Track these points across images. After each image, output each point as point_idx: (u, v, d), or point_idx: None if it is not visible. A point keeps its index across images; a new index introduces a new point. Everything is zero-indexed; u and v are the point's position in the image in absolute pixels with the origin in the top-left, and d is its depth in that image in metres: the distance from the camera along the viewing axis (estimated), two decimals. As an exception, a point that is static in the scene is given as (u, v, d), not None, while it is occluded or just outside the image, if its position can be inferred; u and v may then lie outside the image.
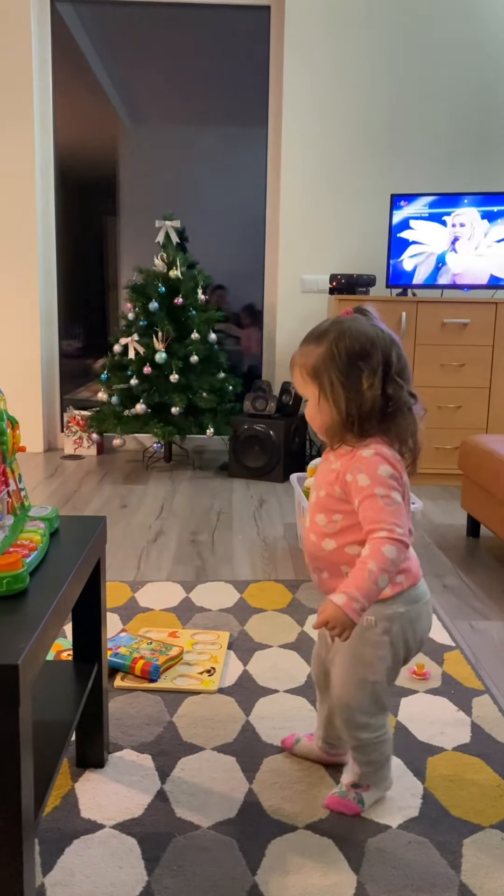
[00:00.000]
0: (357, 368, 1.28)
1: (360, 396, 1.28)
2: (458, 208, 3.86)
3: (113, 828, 1.34)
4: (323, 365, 1.30)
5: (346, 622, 1.21)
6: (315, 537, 1.37)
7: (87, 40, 4.53)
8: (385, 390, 1.29)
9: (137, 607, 2.29)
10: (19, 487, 1.32)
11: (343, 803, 1.41)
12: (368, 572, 1.21)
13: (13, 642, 0.94)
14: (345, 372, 1.28)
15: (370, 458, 1.28)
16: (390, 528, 1.24)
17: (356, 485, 1.28)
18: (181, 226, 4.13)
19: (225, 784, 1.47)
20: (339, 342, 1.29)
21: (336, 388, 1.29)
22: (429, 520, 3.30)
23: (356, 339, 1.29)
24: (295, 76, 4.20)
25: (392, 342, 1.32)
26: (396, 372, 1.30)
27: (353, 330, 1.30)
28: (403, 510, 1.28)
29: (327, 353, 1.30)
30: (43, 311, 4.47)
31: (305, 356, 1.33)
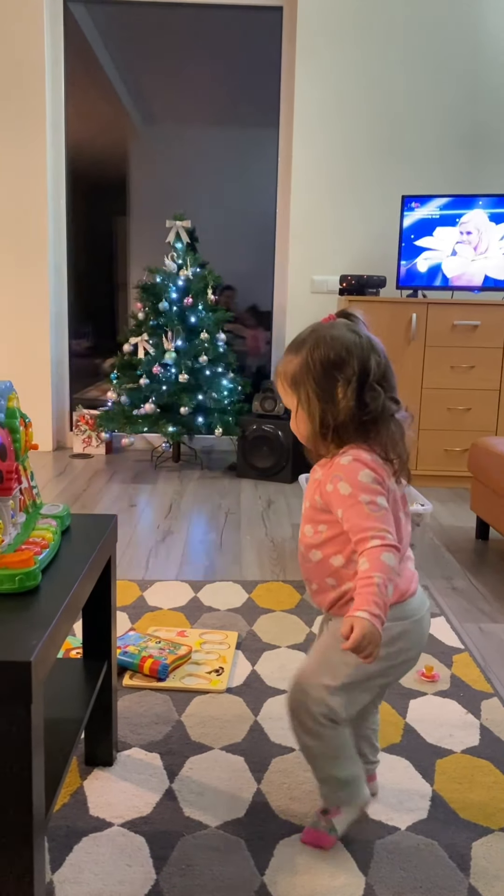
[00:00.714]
0: (332, 378, 1.25)
1: (335, 407, 1.25)
2: (471, 210, 3.84)
3: (121, 826, 1.34)
4: (300, 376, 1.27)
5: (373, 636, 1.11)
6: (304, 548, 1.33)
7: (99, 40, 4.54)
8: (362, 399, 1.24)
9: (146, 606, 2.29)
10: (31, 485, 1.32)
11: (315, 836, 1.32)
12: (377, 586, 1.14)
13: (25, 639, 0.95)
14: (320, 382, 1.25)
15: (349, 465, 1.23)
16: (382, 535, 1.18)
17: (337, 494, 1.23)
18: (191, 226, 4.14)
19: (233, 784, 1.47)
20: (314, 352, 1.26)
21: (312, 400, 1.26)
22: (438, 522, 3.29)
23: (331, 347, 1.25)
24: (306, 77, 4.20)
25: (370, 349, 1.26)
26: (375, 379, 1.25)
27: (328, 338, 1.26)
28: (391, 517, 1.23)
29: (303, 363, 1.27)
30: (53, 310, 4.48)
31: (285, 366, 1.30)
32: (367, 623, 1.11)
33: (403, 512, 1.30)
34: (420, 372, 3.85)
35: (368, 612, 1.12)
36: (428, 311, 3.81)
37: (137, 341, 4.01)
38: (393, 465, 1.26)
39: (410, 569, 1.32)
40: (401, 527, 1.28)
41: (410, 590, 1.30)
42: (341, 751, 1.30)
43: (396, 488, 1.28)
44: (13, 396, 1.26)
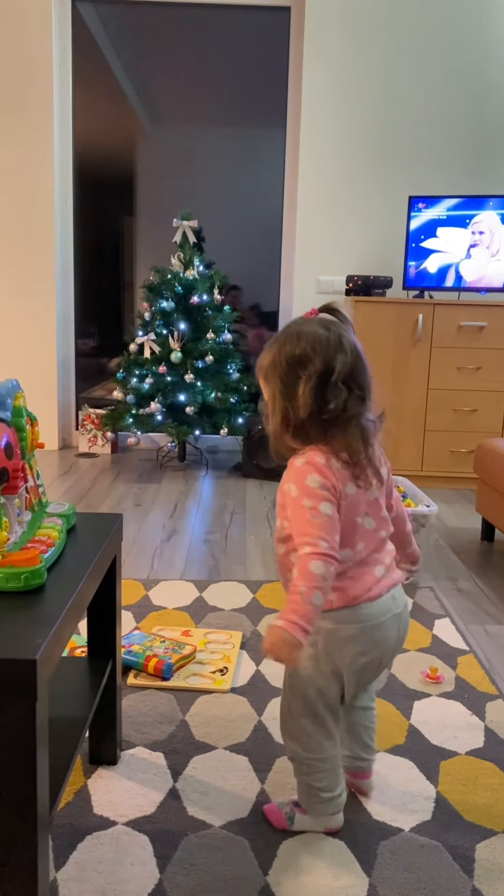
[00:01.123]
0: (295, 375, 1.23)
1: (296, 404, 1.23)
2: (481, 211, 3.84)
3: (125, 825, 1.35)
4: (270, 371, 1.27)
5: (293, 642, 1.12)
6: (274, 542, 1.34)
7: (107, 40, 4.55)
8: (324, 397, 1.22)
9: (151, 605, 2.30)
10: (37, 484, 1.32)
11: (274, 812, 1.38)
12: (300, 594, 1.14)
13: (31, 637, 0.95)
14: (284, 379, 1.25)
15: (300, 468, 1.23)
16: (314, 543, 1.17)
17: (289, 495, 1.23)
18: (198, 226, 4.14)
19: (237, 783, 1.47)
20: (282, 349, 1.25)
21: (277, 396, 1.26)
22: (443, 523, 3.28)
23: (297, 344, 1.24)
24: (314, 77, 4.20)
25: (337, 347, 1.23)
26: (340, 378, 1.22)
27: (296, 335, 1.25)
28: (333, 523, 1.19)
29: (273, 359, 1.26)
30: (60, 309, 4.49)
31: (261, 360, 1.29)
32: (278, 630, 1.13)
33: (372, 517, 1.28)
34: (426, 373, 3.84)
35: (285, 619, 1.13)
36: (434, 312, 3.81)
37: (143, 341, 4.02)
38: (354, 469, 1.24)
39: (375, 574, 1.28)
40: (358, 533, 1.26)
41: (365, 595, 1.26)
42: (322, 765, 1.32)
43: (357, 492, 1.25)
44: (20, 395, 1.26)
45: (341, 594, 1.25)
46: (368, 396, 1.28)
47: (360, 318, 3.78)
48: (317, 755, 1.31)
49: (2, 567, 1.08)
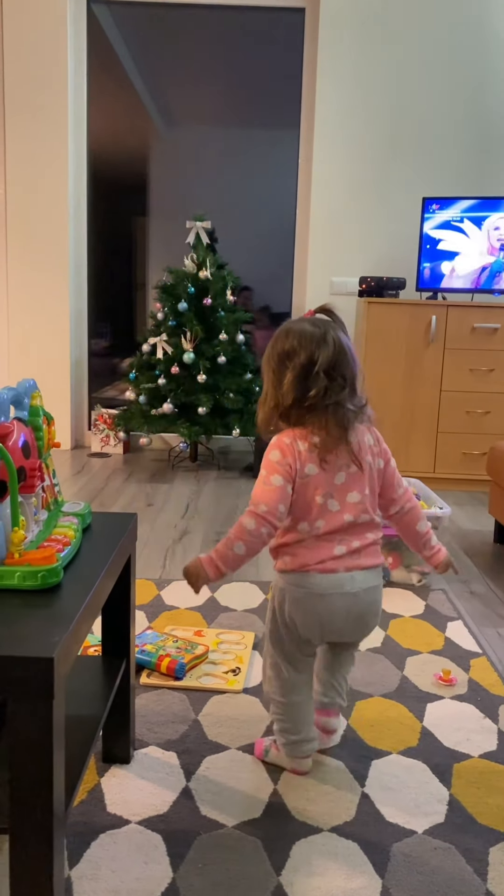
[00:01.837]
0: (284, 366, 1.41)
1: (282, 391, 1.40)
2: (495, 213, 3.82)
3: (138, 823, 1.35)
4: (266, 364, 1.46)
5: (200, 574, 1.38)
6: None
7: (122, 41, 4.56)
8: (304, 386, 1.38)
9: (163, 605, 2.30)
10: (53, 483, 1.33)
11: (260, 744, 1.57)
12: (226, 540, 1.37)
13: (48, 635, 0.95)
14: (275, 370, 1.43)
15: (270, 444, 1.42)
16: (255, 505, 1.37)
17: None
18: (211, 227, 4.14)
19: (250, 784, 1.48)
20: (275, 344, 1.44)
21: (268, 384, 1.44)
22: (456, 526, 3.27)
23: (286, 339, 1.42)
24: (328, 78, 4.20)
25: (320, 341, 1.39)
26: (323, 367, 1.38)
27: (286, 332, 1.43)
28: (278, 494, 1.37)
29: (268, 353, 1.45)
30: (73, 310, 4.51)
31: (264, 354, 1.48)
32: (196, 561, 1.39)
33: (336, 499, 1.40)
34: (439, 374, 3.83)
35: (207, 555, 1.39)
36: (448, 313, 3.80)
37: (156, 341, 4.03)
38: (322, 452, 1.39)
39: (333, 552, 1.40)
40: (315, 510, 1.39)
41: (314, 566, 1.39)
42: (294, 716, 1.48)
43: (319, 474, 1.39)
44: (36, 395, 1.27)
45: (292, 559, 1.41)
46: (351, 386, 1.42)
47: (373, 320, 3.80)
48: (279, 697, 1.49)
49: (19, 565, 1.08)
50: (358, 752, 1.60)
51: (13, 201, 4.34)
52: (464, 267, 3.90)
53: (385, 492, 1.50)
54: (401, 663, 1.99)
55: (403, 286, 3.99)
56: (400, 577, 2.55)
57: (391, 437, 3.88)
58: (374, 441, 1.50)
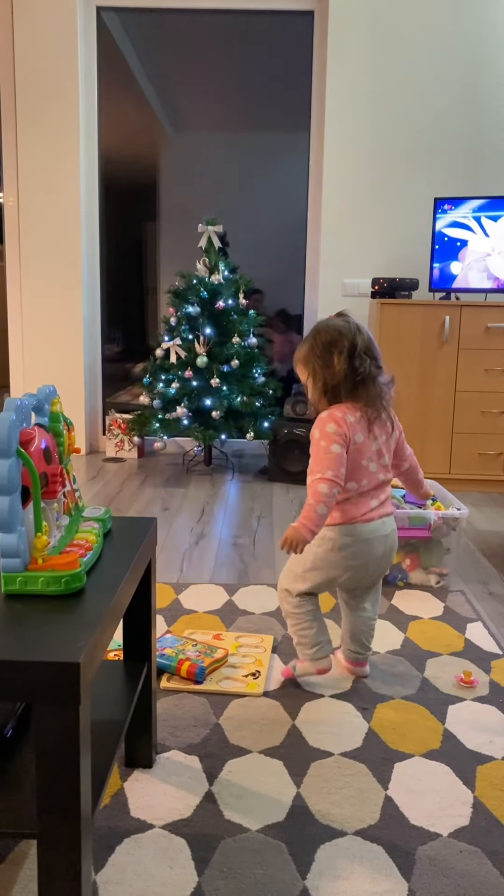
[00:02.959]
0: (329, 353, 1.73)
1: (332, 371, 1.72)
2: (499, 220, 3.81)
3: (162, 828, 1.35)
4: (310, 355, 1.76)
5: (300, 538, 1.64)
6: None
7: (131, 48, 4.58)
8: (353, 365, 1.72)
9: (181, 609, 2.30)
10: (74, 488, 1.34)
11: (286, 671, 1.88)
12: (310, 506, 1.66)
13: (73, 640, 0.96)
14: (322, 357, 1.74)
15: (323, 418, 1.73)
16: (323, 471, 1.66)
17: (313, 438, 1.73)
18: (222, 231, 4.15)
19: (272, 787, 1.47)
20: (317, 337, 1.75)
21: (317, 370, 1.75)
22: (473, 526, 3.26)
23: (327, 332, 1.74)
24: (338, 80, 4.20)
25: (357, 330, 1.75)
26: (361, 350, 1.72)
27: (325, 327, 1.76)
28: (340, 460, 1.68)
29: (310, 347, 1.76)
30: (86, 315, 4.52)
31: (298, 352, 1.79)
32: (293, 529, 1.65)
33: (375, 462, 1.77)
34: (454, 375, 3.82)
35: (299, 522, 1.65)
36: (461, 313, 3.78)
37: (169, 346, 4.03)
38: (367, 423, 1.74)
39: (370, 504, 1.77)
40: (362, 472, 1.75)
41: (360, 517, 1.75)
42: (311, 621, 1.82)
43: (365, 441, 1.74)
44: (56, 401, 1.27)
45: (342, 513, 1.75)
46: (381, 366, 1.78)
47: (387, 321, 3.79)
48: (300, 610, 1.82)
49: (42, 571, 1.09)
50: (380, 754, 1.59)
51: (26, 210, 4.36)
52: (475, 266, 3.88)
53: (398, 453, 1.89)
54: (421, 665, 1.99)
55: (416, 287, 3.98)
56: (418, 579, 2.54)
57: (407, 437, 3.85)
58: (393, 413, 1.85)
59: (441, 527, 2.47)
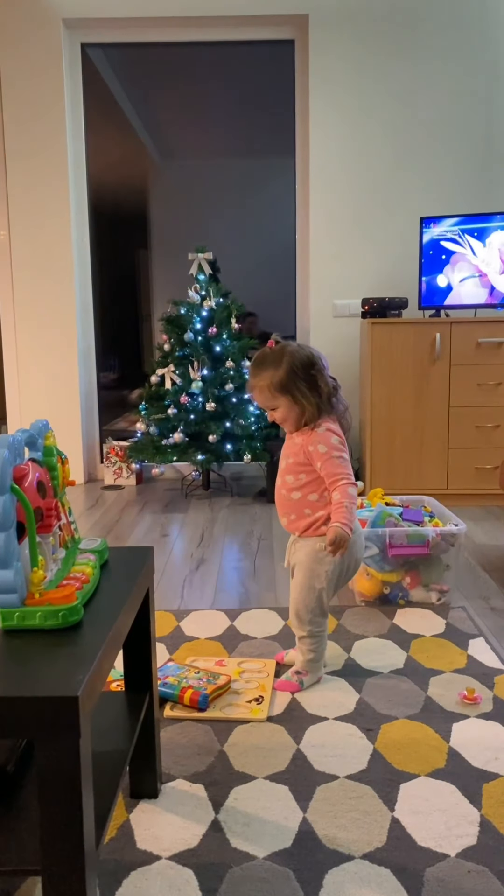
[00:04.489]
0: (311, 374, 1.85)
1: (319, 391, 1.85)
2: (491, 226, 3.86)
3: (169, 859, 1.34)
4: (289, 380, 1.84)
5: (346, 536, 1.80)
6: (286, 492, 1.95)
7: (116, 81, 4.66)
8: (329, 381, 1.87)
9: (183, 636, 2.30)
10: (70, 521, 1.35)
11: (288, 684, 1.95)
12: (345, 507, 1.82)
13: (71, 674, 0.96)
14: (305, 379, 1.85)
15: (324, 434, 1.86)
16: (347, 476, 1.85)
17: (317, 452, 1.86)
18: (213, 257, 4.19)
19: (279, 813, 1.47)
20: (295, 361, 1.84)
21: (304, 392, 1.85)
22: (472, 541, 3.26)
23: (298, 355, 1.85)
24: (320, 105, 4.27)
25: (313, 352, 1.89)
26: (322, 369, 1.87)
27: (293, 351, 1.86)
28: (350, 464, 1.88)
29: (289, 370, 1.84)
30: (80, 344, 4.55)
31: (269, 377, 1.85)
32: (339, 528, 1.80)
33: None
34: (447, 391, 3.84)
35: (340, 522, 1.81)
36: (451, 330, 3.82)
37: (164, 372, 4.06)
38: (344, 428, 1.92)
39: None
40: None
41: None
42: (324, 637, 2.00)
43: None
44: (50, 435, 1.29)
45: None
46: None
47: (378, 340, 3.82)
48: (321, 629, 1.97)
49: (39, 605, 1.09)
50: (386, 775, 1.59)
51: (18, 243, 4.41)
52: (464, 282, 3.92)
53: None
54: (424, 684, 1.98)
55: (406, 306, 4.02)
56: (419, 596, 2.54)
57: (403, 455, 3.88)
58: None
59: (440, 543, 2.47)
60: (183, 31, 4.38)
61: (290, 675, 1.98)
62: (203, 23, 4.32)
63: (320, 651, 1.98)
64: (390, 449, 3.89)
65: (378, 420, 3.88)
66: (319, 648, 1.98)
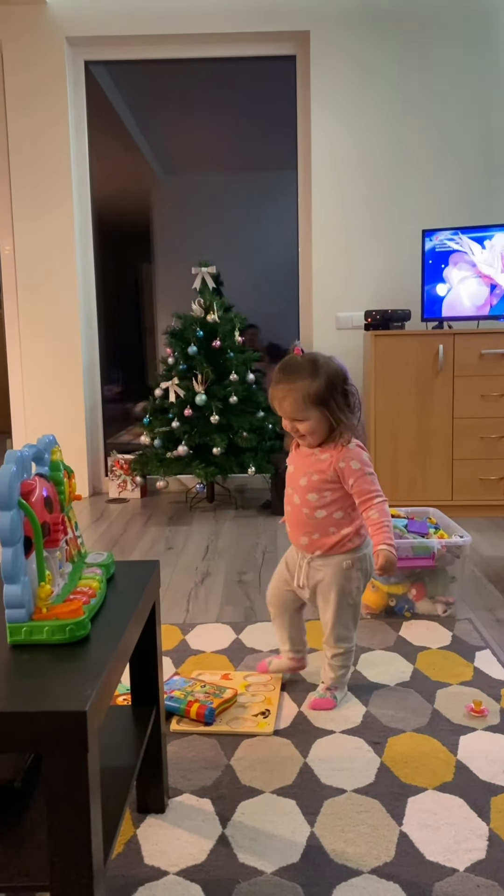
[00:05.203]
0: (345, 390, 1.81)
1: (352, 408, 1.83)
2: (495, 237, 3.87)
3: (177, 874, 1.34)
4: (327, 392, 1.78)
5: (395, 560, 1.78)
6: (308, 510, 1.87)
7: (119, 98, 4.70)
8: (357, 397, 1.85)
9: (189, 650, 2.30)
10: (76, 535, 1.35)
11: (322, 702, 1.92)
12: (387, 527, 1.80)
13: (79, 689, 0.96)
14: (342, 393, 1.81)
15: (355, 450, 1.83)
16: (381, 494, 1.83)
17: (350, 469, 1.81)
18: (216, 271, 4.22)
19: (286, 828, 1.46)
20: (332, 374, 1.79)
21: (342, 407, 1.80)
22: (477, 553, 3.26)
23: (338, 369, 1.81)
24: (322, 119, 4.30)
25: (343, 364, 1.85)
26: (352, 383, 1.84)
27: (329, 361, 1.81)
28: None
29: (328, 383, 1.78)
30: (85, 358, 4.58)
31: (305, 388, 1.77)
32: (388, 552, 1.77)
33: None
34: (450, 402, 3.85)
35: (387, 544, 1.78)
36: (455, 341, 3.82)
37: (168, 385, 4.08)
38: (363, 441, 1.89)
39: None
40: None
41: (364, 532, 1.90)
42: (353, 651, 1.97)
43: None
44: (56, 449, 1.29)
45: (360, 532, 1.90)
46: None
47: (381, 352, 3.83)
48: (353, 644, 1.96)
49: (47, 620, 1.10)
50: (393, 789, 1.58)
51: (22, 258, 4.44)
52: (473, 283, 3.93)
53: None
54: (431, 696, 1.98)
55: (409, 318, 4.03)
56: (425, 608, 2.54)
57: (407, 466, 3.88)
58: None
59: (445, 555, 2.47)
60: (185, 49, 4.43)
61: (322, 692, 1.95)
62: (205, 40, 4.36)
63: (350, 664, 1.99)
64: (394, 460, 3.90)
65: (382, 432, 3.88)
66: (350, 661, 1.98)
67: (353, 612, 1.93)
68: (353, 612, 1.93)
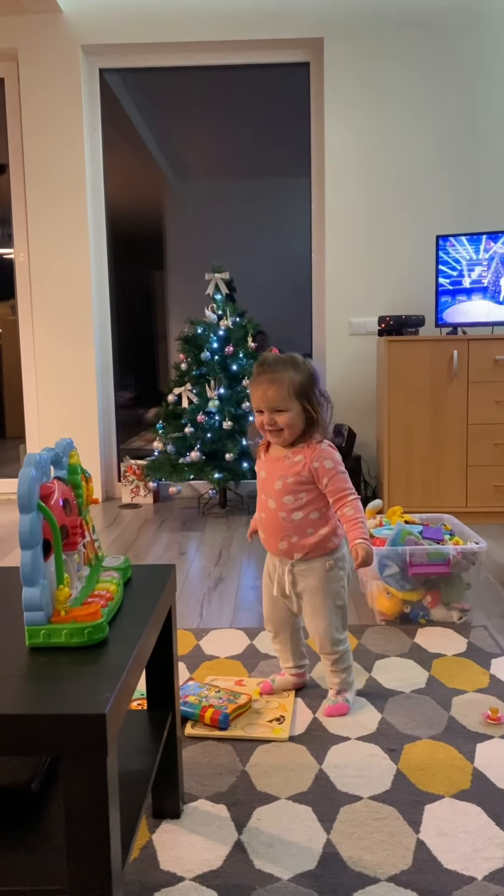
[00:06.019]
0: (319, 388, 1.85)
1: (324, 406, 1.85)
2: (505, 246, 3.87)
3: (193, 880, 1.33)
4: (308, 386, 1.82)
5: (371, 552, 1.81)
6: (285, 514, 1.87)
7: (133, 105, 4.73)
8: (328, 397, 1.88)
9: (203, 655, 2.30)
10: (93, 538, 1.35)
11: (337, 708, 1.92)
12: (361, 521, 1.82)
13: (98, 692, 0.96)
14: (318, 389, 1.85)
15: (328, 450, 1.85)
16: (353, 491, 1.85)
17: (324, 468, 1.83)
18: (229, 277, 4.22)
19: (302, 834, 1.45)
20: (312, 371, 1.84)
21: (319, 402, 1.84)
22: (492, 559, 3.24)
23: (306, 364, 1.85)
24: (336, 126, 4.31)
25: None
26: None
27: (297, 359, 1.85)
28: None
29: (308, 378, 1.83)
30: (98, 364, 4.59)
31: (290, 378, 1.81)
32: (365, 545, 1.80)
33: None
34: (465, 408, 3.83)
35: (363, 538, 1.80)
36: (469, 347, 3.81)
37: (181, 391, 4.08)
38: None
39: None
40: None
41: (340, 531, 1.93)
42: (350, 649, 1.98)
43: None
44: (74, 453, 1.30)
45: (337, 532, 1.91)
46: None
47: (395, 358, 3.82)
48: (347, 643, 1.97)
49: (65, 623, 1.10)
50: (410, 797, 1.57)
51: (37, 264, 4.47)
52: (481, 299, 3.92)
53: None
54: (447, 704, 1.96)
55: (423, 323, 4.02)
56: (440, 615, 2.52)
57: (421, 472, 3.87)
58: None
59: (460, 562, 2.46)
60: (198, 56, 4.45)
61: (334, 698, 1.96)
62: (219, 47, 4.38)
63: (349, 663, 1.98)
64: (408, 467, 3.88)
65: (396, 438, 3.87)
66: (350, 660, 1.98)
67: (342, 613, 1.93)
68: (342, 614, 1.93)
